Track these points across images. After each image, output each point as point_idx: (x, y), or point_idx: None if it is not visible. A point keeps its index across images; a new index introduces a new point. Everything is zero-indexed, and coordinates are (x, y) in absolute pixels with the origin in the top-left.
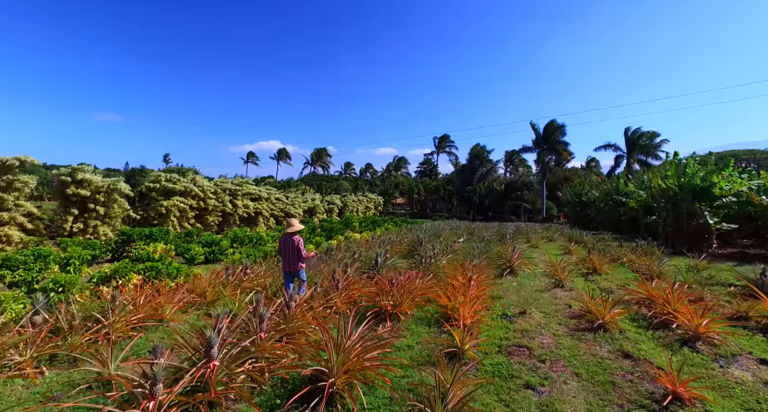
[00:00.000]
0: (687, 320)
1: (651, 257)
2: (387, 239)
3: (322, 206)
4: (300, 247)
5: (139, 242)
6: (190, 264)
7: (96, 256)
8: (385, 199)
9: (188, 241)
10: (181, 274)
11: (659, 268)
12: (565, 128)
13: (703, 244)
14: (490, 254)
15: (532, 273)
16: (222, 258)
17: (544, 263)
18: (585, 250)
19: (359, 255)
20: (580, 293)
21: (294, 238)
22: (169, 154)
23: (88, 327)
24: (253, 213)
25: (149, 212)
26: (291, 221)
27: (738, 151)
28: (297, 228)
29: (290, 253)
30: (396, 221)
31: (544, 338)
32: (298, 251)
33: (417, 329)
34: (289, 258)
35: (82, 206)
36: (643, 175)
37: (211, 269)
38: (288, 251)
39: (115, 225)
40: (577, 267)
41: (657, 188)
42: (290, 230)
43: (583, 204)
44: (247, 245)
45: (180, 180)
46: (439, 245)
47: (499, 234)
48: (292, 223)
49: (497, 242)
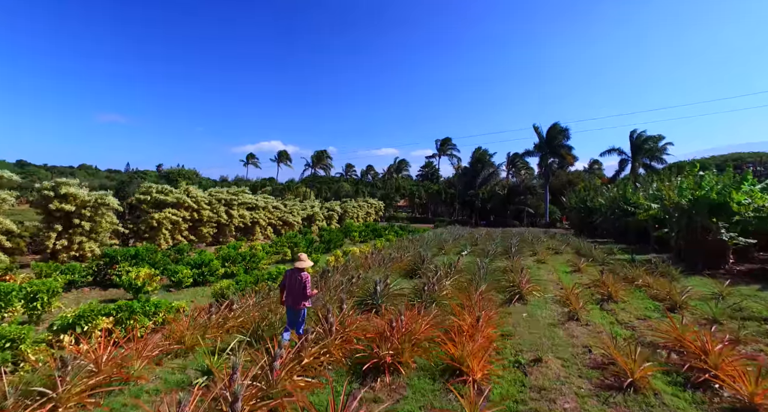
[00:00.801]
0: (734, 382)
1: (668, 279)
2: (388, 255)
3: (321, 212)
4: (307, 284)
5: (124, 263)
6: (178, 288)
7: (75, 281)
8: (386, 204)
9: (178, 259)
10: (160, 310)
11: (681, 297)
12: (568, 132)
13: (719, 260)
14: (496, 273)
15: (542, 299)
16: (212, 280)
17: (553, 283)
18: (595, 267)
19: (357, 278)
20: (598, 328)
21: (302, 274)
22: (162, 164)
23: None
24: (249, 223)
25: (140, 225)
26: (301, 256)
27: (744, 154)
28: (306, 264)
29: (296, 289)
30: (397, 231)
31: (566, 401)
32: (304, 287)
33: (420, 384)
34: (294, 294)
35: (66, 222)
36: (652, 184)
37: (194, 303)
38: (294, 287)
39: (102, 240)
40: (590, 291)
41: (669, 201)
42: (299, 266)
43: (588, 210)
44: (240, 263)
45: (172, 191)
46: (442, 261)
47: (503, 244)
48: (301, 258)
49: (502, 255)
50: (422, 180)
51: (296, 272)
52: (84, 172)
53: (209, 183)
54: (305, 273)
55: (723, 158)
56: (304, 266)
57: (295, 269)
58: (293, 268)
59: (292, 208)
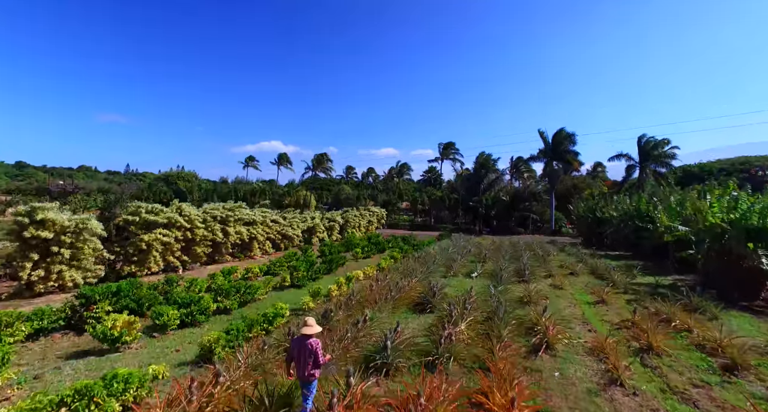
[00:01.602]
0: None
1: (706, 316)
2: (394, 284)
3: (322, 224)
4: (318, 352)
5: (102, 303)
6: (163, 331)
7: (44, 328)
8: (388, 211)
9: (167, 291)
10: (131, 386)
11: (736, 349)
12: (575, 137)
13: (755, 289)
14: (513, 304)
15: (571, 345)
16: (202, 319)
17: (578, 320)
18: (619, 295)
19: (364, 322)
20: (649, 400)
21: (310, 341)
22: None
23: None
24: (247, 239)
25: (128, 249)
26: (308, 321)
27: (750, 158)
28: (314, 330)
29: (305, 358)
30: (401, 246)
31: None
32: (314, 356)
33: None
34: (303, 364)
35: (43, 250)
36: (669, 196)
37: (173, 380)
38: (302, 356)
39: (86, 267)
40: (623, 334)
41: (697, 223)
42: (306, 332)
43: (597, 220)
44: (235, 296)
45: (163, 211)
46: (453, 288)
47: (514, 262)
48: (308, 323)
49: (514, 276)
50: (425, 185)
51: (304, 340)
52: (83, 173)
53: (208, 185)
54: (314, 339)
55: (729, 162)
56: (312, 332)
57: (302, 337)
58: (300, 335)
59: (291, 220)
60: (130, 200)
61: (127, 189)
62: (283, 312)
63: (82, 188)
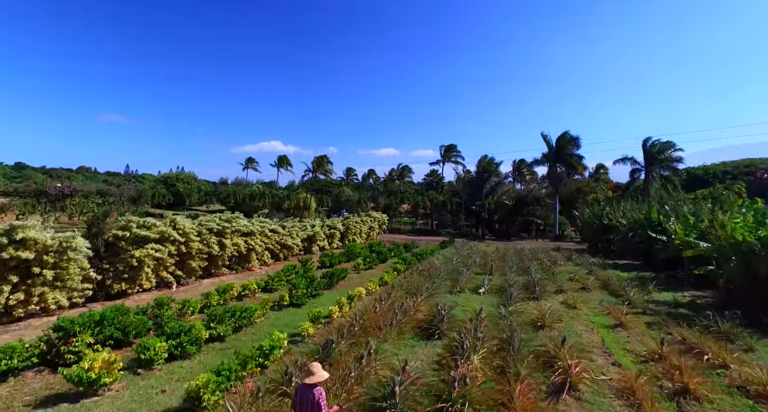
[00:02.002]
0: None
1: (737, 344)
2: (399, 305)
3: (322, 231)
4: (321, 403)
5: (83, 335)
6: (149, 367)
7: (14, 368)
8: (390, 215)
9: (157, 315)
10: None
11: None
12: (579, 140)
13: None
14: (525, 327)
15: (596, 383)
16: (192, 351)
17: (598, 349)
18: (639, 317)
19: (369, 355)
20: None
21: (314, 391)
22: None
23: None
24: (244, 251)
25: (118, 266)
26: (312, 368)
27: (755, 160)
28: (318, 378)
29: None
30: (405, 257)
31: None
32: (318, 409)
33: None
34: None
35: (23, 271)
36: (682, 206)
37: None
38: (305, 408)
39: (72, 286)
40: (651, 370)
41: (719, 240)
42: (309, 381)
43: (604, 227)
44: (230, 321)
45: (155, 225)
46: (460, 306)
47: (521, 270)
48: (312, 371)
49: (523, 294)
50: (426, 189)
51: (307, 389)
52: (82, 174)
53: (208, 186)
54: (318, 389)
55: (734, 165)
56: (316, 380)
57: (306, 386)
58: (303, 384)
59: (291, 229)
60: (129, 202)
61: (125, 191)
62: (280, 343)
63: (80, 191)
